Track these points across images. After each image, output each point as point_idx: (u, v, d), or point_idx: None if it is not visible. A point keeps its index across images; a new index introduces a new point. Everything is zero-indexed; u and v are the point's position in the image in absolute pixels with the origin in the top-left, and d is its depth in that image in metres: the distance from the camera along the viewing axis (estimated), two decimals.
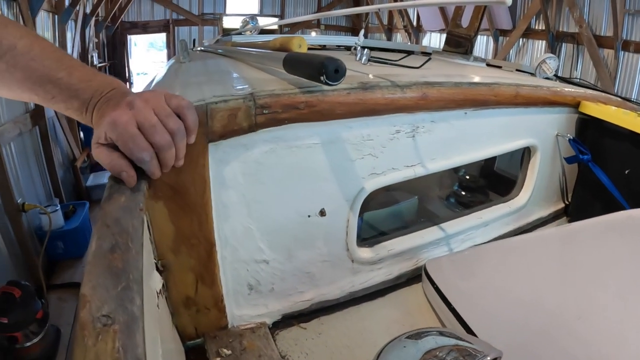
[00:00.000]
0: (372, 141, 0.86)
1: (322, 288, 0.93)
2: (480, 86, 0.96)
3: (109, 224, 0.49)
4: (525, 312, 0.81)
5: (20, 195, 3.29)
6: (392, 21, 9.06)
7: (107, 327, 0.36)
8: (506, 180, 1.40)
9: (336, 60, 0.63)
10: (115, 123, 0.56)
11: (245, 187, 0.78)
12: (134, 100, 0.58)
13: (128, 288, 0.40)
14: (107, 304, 0.38)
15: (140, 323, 0.38)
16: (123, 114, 0.57)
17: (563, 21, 5.41)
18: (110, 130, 0.57)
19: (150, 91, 0.62)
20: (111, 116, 0.56)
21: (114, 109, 0.57)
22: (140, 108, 0.58)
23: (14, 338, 2.45)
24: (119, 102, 0.58)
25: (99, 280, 0.41)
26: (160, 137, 0.59)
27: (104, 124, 0.57)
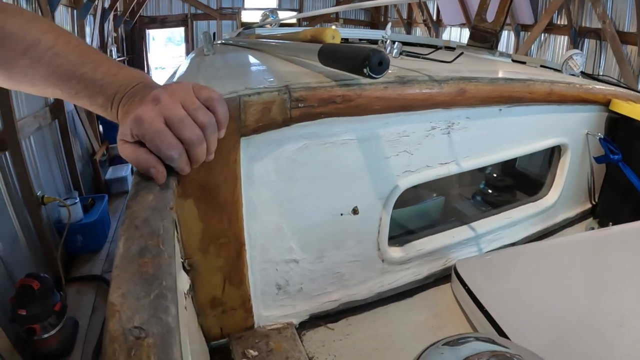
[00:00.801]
0: (408, 137, 0.83)
1: (350, 288, 0.91)
2: (516, 82, 0.92)
3: (137, 225, 0.45)
4: (562, 317, 0.78)
5: (39, 188, 3.31)
6: (411, 15, 8.99)
7: (141, 341, 0.32)
8: (528, 178, 1.37)
9: (380, 52, 0.60)
10: (141, 119, 0.53)
11: (278, 185, 0.75)
12: (160, 95, 0.54)
13: (161, 296, 0.37)
14: (139, 314, 0.35)
15: (177, 335, 0.34)
16: (149, 110, 0.53)
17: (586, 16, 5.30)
18: (135, 127, 0.54)
19: (177, 83, 0.58)
20: (136, 112, 0.53)
21: (140, 105, 0.54)
22: (167, 102, 0.54)
23: (32, 330, 2.46)
24: (145, 97, 0.55)
25: (128, 287, 0.37)
26: (189, 131, 0.55)
27: (129, 121, 0.54)
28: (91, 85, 0.59)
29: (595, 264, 0.93)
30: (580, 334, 0.74)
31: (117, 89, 0.59)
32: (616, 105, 1.15)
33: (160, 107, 0.54)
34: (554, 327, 0.76)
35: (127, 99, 0.58)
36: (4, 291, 2.58)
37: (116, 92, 0.59)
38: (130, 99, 0.58)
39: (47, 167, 3.69)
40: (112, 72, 0.60)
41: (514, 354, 0.56)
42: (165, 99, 0.54)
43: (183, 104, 0.55)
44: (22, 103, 3.32)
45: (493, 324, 0.78)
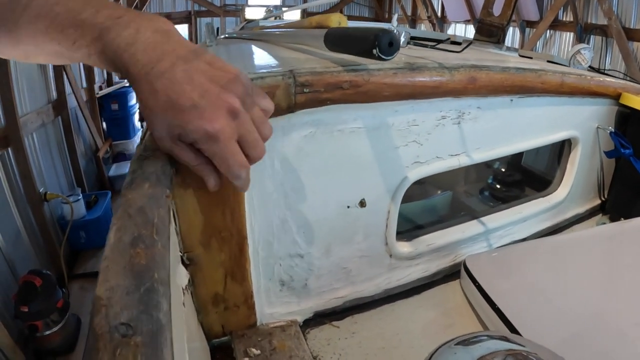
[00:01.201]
0: (418, 127, 0.80)
1: (357, 285, 0.88)
2: (528, 72, 0.90)
3: (131, 214, 0.43)
4: (576, 314, 0.76)
5: (42, 184, 3.31)
6: (415, 12, 8.94)
7: (127, 339, 0.29)
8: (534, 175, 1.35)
9: (390, 32, 0.57)
10: (217, 137, 0.47)
11: (283, 175, 0.72)
12: (239, 110, 0.48)
13: (152, 290, 0.34)
14: (128, 310, 0.31)
15: (168, 334, 0.31)
16: (226, 127, 0.48)
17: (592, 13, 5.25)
18: (207, 143, 0.48)
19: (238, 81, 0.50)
20: (211, 127, 0.47)
21: (212, 114, 0.47)
22: (244, 119, 0.49)
23: (35, 327, 2.47)
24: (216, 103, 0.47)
25: (117, 280, 0.34)
26: (259, 151, 0.52)
27: (196, 131, 0.47)
28: (90, 30, 0.48)
29: (609, 259, 0.91)
30: (595, 331, 0.72)
31: (120, 33, 0.48)
32: (627, 99, 1.12)
33: (237, 124, 0.49)
34: (568, 324, 0.74)
35: (145, 51, 0.48)
36: (7, 288, 2.58)
37: (117, 35, 0.48)
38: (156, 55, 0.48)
39: (50, 164, 3.69)
40: (116, 15, 0.49)
41: (531, 352, 0.53)
42: (243, 115, 0.49)
43: (252, 116, 0.51)
44: (25, 99, 3.32)
45: (505, 321, 0.75)
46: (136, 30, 0.48)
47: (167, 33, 0.50)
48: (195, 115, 0.47)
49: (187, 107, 0.46)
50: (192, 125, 0.47)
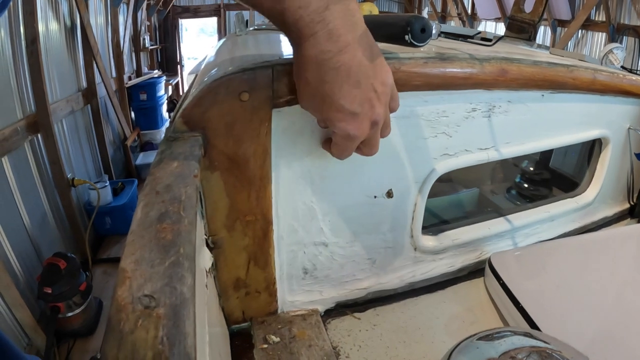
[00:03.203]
0: (447, 118, 0.79)
1: (381, 277, 0.87)
2: (559, 67, 0.87)
3: (158, 190, 0.43)
4: (603, 315, 0.74)
5: (70, 170, 3.39)
6: (445, 8, 8.85)
7: (150, 310, 0.29)
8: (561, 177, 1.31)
9: (423, 18, 0.56)
10: (353, 139, 0.54)
11: (311, 161, 0.71)
12: (379, 121, 0.54)
13: (178, 264, 0.34)
14: (151, 282, 0.31)
15: (192, 307, 0.31)
16: (364, 135, 0.54)
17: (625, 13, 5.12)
18: (342, 138, 0.55)
19: (388, 92, 0.54)
20: (353, 132, 0.53)
21: (360, 124, 0.53)
22: (377, 130, 0.56)
23: (57, 308, 2.52)
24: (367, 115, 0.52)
25: (143, 253, 0.34)
26: (374, 151, 0.60)
27: (340, 127, 0.53)
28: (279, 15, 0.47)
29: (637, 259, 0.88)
30: (620, 332, 0.70)
31: (308, 2, 0.46)
32: None
33: (372, 132, 0.55)
34: (592, 324, 0.72)
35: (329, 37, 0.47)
36: (32, 269, 2.65)
37: (304, 5, 0.46)
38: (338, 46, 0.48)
39: (78, 151, 3.77)
40: None
41: (555, 349, 0.52)
42: (379, 125, 0.55)
43: None
44: (56, 87, 3.39)
45: (528, 321, 0.74)
46: (325, 6, 0.46)
47: (354, 17, 0.49)
48: (349, 119, 0.52)
49: (345, 110, 0.51)
50: (341, 125, 0.53)
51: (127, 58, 5.89)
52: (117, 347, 0.27)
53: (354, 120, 0.52)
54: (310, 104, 0.54)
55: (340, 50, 0.47)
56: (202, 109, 0.59)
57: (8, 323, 2.25)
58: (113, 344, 0.27)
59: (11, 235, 2.48)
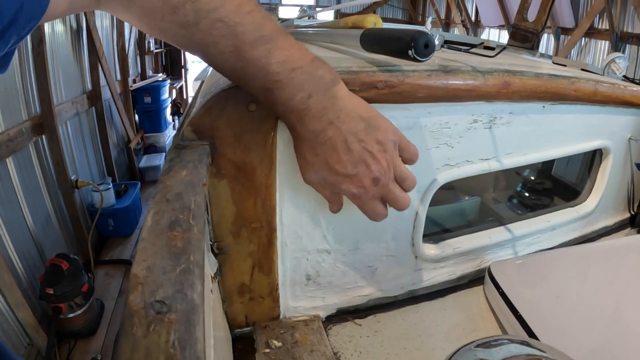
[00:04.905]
0: (450, 129, 0.80)
1: (383, 284, 0.88)
2: (561, 79, 0.88)
3: (169, 199, 0.44)
4: (602, 326, 0.75)
5: (74, 172, 3.40)
6: (449, 15, 8.87)
7: (162, 316, 0.30)
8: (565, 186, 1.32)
9: (427, 34, 0.58)
10: (359, 197, 0.60)
11: None
12: (381, 179, 0.58)
13: (188, 271, 0.35)
14: (163, 288, 0.33)
15: (201, 313, 0.32)
16: (369, 191, 0.59)
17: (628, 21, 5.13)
18: (351, 197, 0.61)
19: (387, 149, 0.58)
20: (355, 190, 0.58)
21: (359, 182, 0.57)
22: (385, 184, 0.59)
23: (59, 309, 2.54)
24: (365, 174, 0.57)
25: (155, 260, 0.36)
26: (401, 204, 0.64)
27: (343, 188, 0.59)
28: (261, 77, 0.50)
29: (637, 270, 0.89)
30: (619, 343, 0.71)
31: (294, 96, 0.52)
32: None
33: (379, 189, 0.59)
34: (591, 334, 0.73)
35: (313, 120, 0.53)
36: (34, 269, 2.66)
37: (291, 97, 0.52)
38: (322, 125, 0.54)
39: (82, 153, 3.78)
40: (289, 66, 0.50)
41: (551, 358, 0.53)
42: (384, 180, 0.59)
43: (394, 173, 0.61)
44: (61, 89, 3.41)
45: (527, 330, 0.75)
46: (308, 95, 0.52)
47: (336, 95, 0.55)
48: (346, 180, 0.57)
49: (342, 174, 0.56)
50: (343, 186, 0.58)
51: (132, 61, 5.91)
52: (131, 350, 0.28)
53: (352, 181, 0.57)
54: (313, 177, 0.60)
55: (324, 128, 0.54)
56: (211, 118, 0.61)
57: (10, 323, 2.27)
58: (126, 347, 0.29)
59: (14, 235, 2.49)
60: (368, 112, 0.57)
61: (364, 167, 0.56)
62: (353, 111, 0.55)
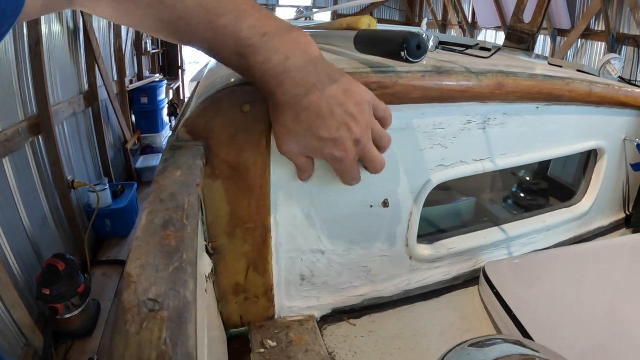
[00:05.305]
0: (443, 130, 0.81)
1: (377, 284, 0.89)
2: (555, 80, 0.89)
3: (163, 199, 0.45)
4: (596, 326, 0.75)
5: (70, 172, 3.40)
6: (446, 17, 8.89)
7: (154, 313, 0.31)
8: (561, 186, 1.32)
9: (419, 36, 0.58)
10: (342, 161, 0.58)
11: None
12: (362, 139, 0.58)
13: (181, 270, 0.36)
14: (156, 286, 0.33)
15: (193, 311, 0.33)
16: (350, 153, 0.58)
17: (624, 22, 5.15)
18: (333, 162, 0.60)
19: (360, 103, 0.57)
20: (338, 154, 0.57)
21: (342, 145, 0.57)
22: (365, 144, 0.59)
23: (55, 309, 2.54)
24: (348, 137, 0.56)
25: (148, 258, 0.36)
26: (377, 164, 0.63)
27: (326, 154, 0.58)
28: (232, 43, 0.49)
29: (631, 271, 0.89)
30: (613, 343, 0.71)
31: (270, 59, 0.50)
32: None
33: (360, 149, 0.59)
34: (585, 334, 0.73)
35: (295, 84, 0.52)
36: (31, 270, 2.66)
37: (266, 60, 0.50)
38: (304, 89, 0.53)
39: (79, 153, 3.78)
40: (260, 29, 0.50)
41: (544, 358, 0.54)
42: (365, 140, 0.58)
43: (372, 131, 0.60)
44: (57, 89, 3.41)
45: (521, 330, 0.75)
46: (285, 57, 0.51)
47: (313, 57, 0.54)
48: (330, 145, 0.56)
49: (326, 139, 0.56)
50: (326, 151, 0.57)
51: (129, 62, 5.91)
52: (124, 346, 0.29)
53: (336, 145, 0.56)
54: (294, 146, 0.59)
55: (307, 92, 0.52)
56: (206, 119, 0.61)
57: (6, 323, 2.26)
58: (120, 344, 0.29)
59: (11, 236, 2.49)
60: (342, 75, 0.57)
61: (346, 130, 0.56)
62: (330, 75, 0.55)
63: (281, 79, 0.51)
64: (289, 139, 0.58)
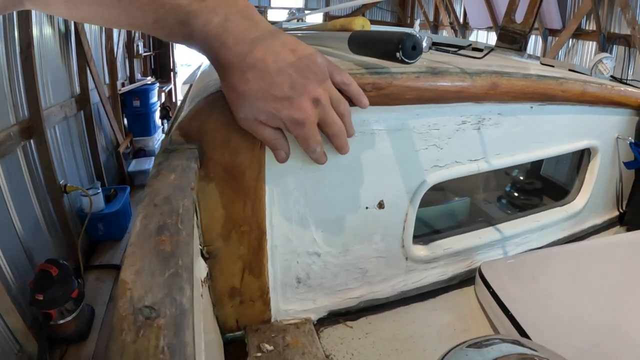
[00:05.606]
0: (438, 131, 0.81)
1: (373, 285, 0.88)
2: (549, 80, 0.89)
3: (157, 203, 0.44)
4: (592, 324, 0.75)
5: (62, 177, 3.37)
6: (438, 17, 8.92)
7: (151, 321, 0.30)
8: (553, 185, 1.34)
9: (414, 36, 0.58)
10: (303, 123, 0.55)
11: (304, 173, 0.73)
12: (320, 98, 0.55)
13: (177, 275, 0.35)
14: (152, 293, 0.33)
15: (190, 318, 0.32)
16: (310, 115, 0.55)
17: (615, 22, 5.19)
18: (294, 128, 0.56)
19: (315, 63, 0.55)
20: (297, 115, 0.54)
21: (300, 104, 0.54)
22: (326, 106, 0.57)
23: (49, 315, 2.52)
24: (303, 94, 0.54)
25: (143, 264, 0.36)
26: (337, 128, 0.60)
27: (285, 117, 0.55)
28: (174, 12, 0.49)
29: (626, 268, 0.90)
30: (609, 341, 0.71)
31: (210, 20, 0.50)
32: None
33: (319, 110, 0.56)
34: (582, 333, 0.73)
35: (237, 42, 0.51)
36: (24, 275, 2.63)
37: (207, 22, 0.50)
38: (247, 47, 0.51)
39: (71, 157, 3.75)
40: None
41: (542, 357, 0.54)
42: (323, 100, 0.56)
43: (329, 95, 0.57)
44: (49, 92, 3.38)
45: (518, 329, 0.75)
46: (225, 18, 0.50)
47: (254, 19, 0.53)
48: (286, 105, 0.53)
49: (280, 98, 0.53)
50: (283, 113, 0.54)
51: (121, 64, 5.88)
52: (120, 356, 0.28)
53: (292, 104, 0.53)
54: (248, 111, 0.56)
55: (251, 49, 0.51)
56: (199, 122, 0.61)
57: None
58: (116, 353, 0.28)
59: (3, 241, 2.47)
60: (287, 35, 0.55)
61: (301, 87, 0.53)
62: (274, 33, 0.54)
63: (223, 39, 0.50)
64: (241, 102, 0.55)
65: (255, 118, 0.56)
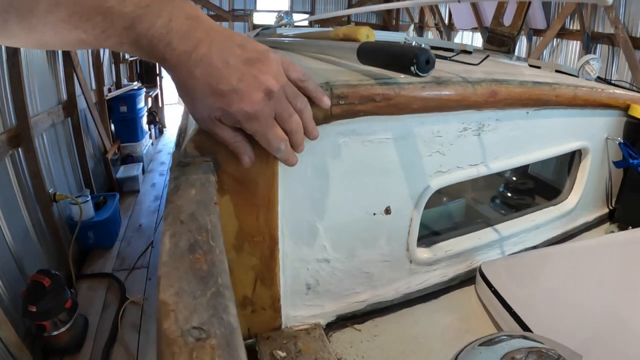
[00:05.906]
0: (441, 138, 0.83)
1: (378, 289, 0.91)
2: (543, 86, 0.93)
3: (183, 220, 0.44)
4: (591, 317, 0.78)
5: (51, 185, 3.33)
6: (423, 19, 8.96)
7: (202, 342, 0.30)
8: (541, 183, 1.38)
9: (427, 51, 0.60)
10: (256, 117, 0.53)
11: (314, 181, 0.74)
12: (274, 90, 0.53)
13: (219, 294, 0.35)
14: (197, 314, 0.32)
15: (240, 336, 0.32)
16: (264, 107, 0.53)
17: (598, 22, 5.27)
18: (248, 123, 0.54)
19: (268, 61, 0.54)
20: (250, 109, 0.52)
21: (250, 96, 0.52)
22: (280, 98, 0.54)
23: (42, 326, 2.48)
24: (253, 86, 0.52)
25: (181, 285, 0.35)
26: (295, 124, 0.57)
27: (237, 112, 0.52)
28: (119, 19, 0.49)
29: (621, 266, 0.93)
30: (610, 334, 0.74)
31: (154, 23, 0.50)
32: (635, 110, 1.15)
33: (274, 103, 0.54)
34: (583, 326, 0.77)
35: (181, 40, 0.51)
36: (15, 286, 2.59)
37: (151, 25, 0.50)
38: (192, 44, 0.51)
39: (59, 165, 3.71)
40: (144, 2, 0.50)
41: (550, 348, 0.56)
42: (277, 93, 0.54)
43: (285, 91, 0.55)
44: (36, 100, 3.34)
45: (521, 324, 0.78)
46: (169, 19, 0.50)
47: (198, 19, 0.53)
48: (235, 99, 0.52)
49: (228, 92, 0.51)
50: (234, 107, 0.52)
51: (107, 70, 5.82)
52: None
53: (242, 97, 0.52)
54: (202, 109, 0.55)
55: (195, 46, 0.51)
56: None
57: None
58: None
59: None
60: (241, 34, 0.55)
61: (251, 78, 0.52)
62: (219, 30, 0.53)
63: (168, 39, 0.50)
64: (193, 102, 0.54)
65: (211, 117, 0.55)
